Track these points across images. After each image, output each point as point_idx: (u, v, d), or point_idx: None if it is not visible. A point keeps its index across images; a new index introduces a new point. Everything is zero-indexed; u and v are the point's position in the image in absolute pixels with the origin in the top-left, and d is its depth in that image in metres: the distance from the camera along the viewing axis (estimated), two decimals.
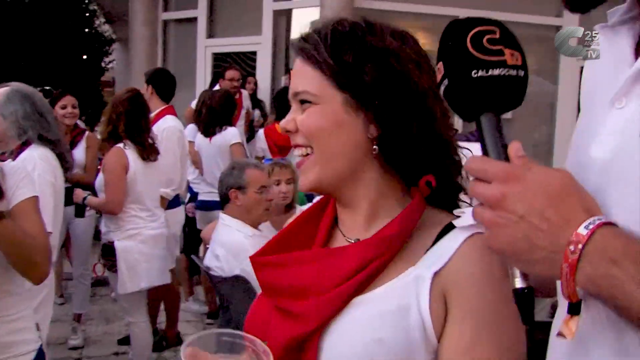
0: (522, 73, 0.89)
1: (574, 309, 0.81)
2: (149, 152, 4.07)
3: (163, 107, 5.00)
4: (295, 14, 8.18)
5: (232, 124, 5.50)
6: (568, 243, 0.76)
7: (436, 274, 1.04)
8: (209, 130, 5.34)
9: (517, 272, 0.83)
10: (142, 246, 4.02)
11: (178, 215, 5.01)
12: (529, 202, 0.78)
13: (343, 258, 1.10)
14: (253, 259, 1.19)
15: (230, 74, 6.50)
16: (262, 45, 7.83)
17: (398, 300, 1.05)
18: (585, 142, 0.92)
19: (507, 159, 0.84)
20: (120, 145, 3.97)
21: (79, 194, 4.17)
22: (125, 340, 4.75)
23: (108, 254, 4.03)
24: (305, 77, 1.14)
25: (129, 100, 4.04)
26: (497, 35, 0.89)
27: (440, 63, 0.91)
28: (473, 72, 0.86)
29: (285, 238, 1.22)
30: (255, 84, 7.33)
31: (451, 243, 1.05)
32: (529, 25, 7.96)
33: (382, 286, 1.07)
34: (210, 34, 8.34)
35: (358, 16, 1.18)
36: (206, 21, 8.30)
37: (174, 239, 4.82)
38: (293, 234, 1.22)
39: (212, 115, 5.32)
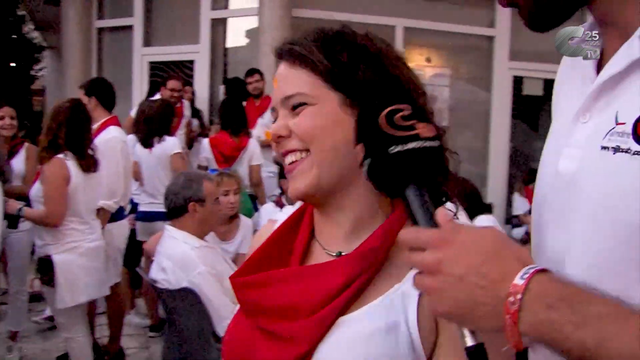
0: (436, 143, 0.94)
1: (520, 358, 0.85)
2: (89, 163, 3.98)
3: (107, 118, 4.90)
4: (233, 22, 8.15)
5: (171, 133, 5.45)
6: (507, 295, 0.79)
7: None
8: (147, 140, 5.27)
9: (466, 331, 0.85)
10: (82, 259, 3.92)
11: (123, 228, 4.90)
12: (465, 262, 0.82)
13: (328, 274, 1.08)
14: (232, 279, 1.15)
15: (172, 83, 6.42)
16: (199, 54, 7.75)
17: (386, 318, 1.04)
18: (554, 156, 0.95)
19: (436, 225, 0.88)
20: (61, 155, 3.86)
21: (13, 205, 4.02)
22: (64, 357, 4.61)
23: (45, 268, 3.89)
24: (296, 80, 1.13)
25: (70, 110, 3.94)
26: (409, 112, 0.94)
27: (360, 145, 0.96)
28: (390, 148, 0.91)
29: (263, 255, 1.17)
30: (193, 93, 7.25)
31: None
32: (462, 35, 8.17)
33: (368, 304, 1.06)
34: (147, 43, 8.20)
35: (296, 25, 1.20)
36: (142, 29, 8.15)
37: (119, 252, 4.74)
38: (270, 250, 1.18)
39: (150, 126, 5.26)
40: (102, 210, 4.44)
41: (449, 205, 1.09)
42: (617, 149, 0.82)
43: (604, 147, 0.84)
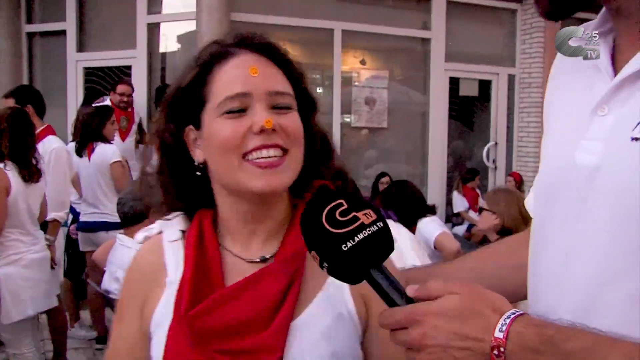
0: (381, 224, 0.97)
1: None
2: (32, 172, 3.86)
3: (43, 127, 4.77)
4: (170, 26, 8.03)
5: (104, 139, 5.25)
6: (491, 349, 0.83)
7: None
8: (82, 148, 5.14)
9: None
10: (26, 271, 3.81)
11: (60, 239, 4.78)
12: (445, 330, 0.85)
13: (266, 282, 1.10)
14: (187, 316, 1.09)
15: (121, 88, 6.33)
16: (136, 60, 7.60)
17: (332, 312, 1.11)
18: (567, 149, 0.97)
19: (408, 299, 0.92)
20: (1, 165, 3.73)
21: None
22: None
23: None
24: (281, 80, 1.14)
25: (12, 117, 3.82)
26: (346, 206, 0.97)
27: (314, 252, 0.97)
28: (342, 246, 0.93)
29: (193, 283, 1.12)
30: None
31: None
32: (397, 37, 8.29)
33: (310, 304, 1.11)
34: (81, 48, 7.98)
35: (234, 29, 1.20)
36: (76, 34, 7.92)
37: (58, 263, 4.62)
38: (195, 275, 1.13)
39: (83, 133, 5.14)
40: (55, 221, 4.33)
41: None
42: None
43: (635, 138, 0.86)
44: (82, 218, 5.26)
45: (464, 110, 8.90)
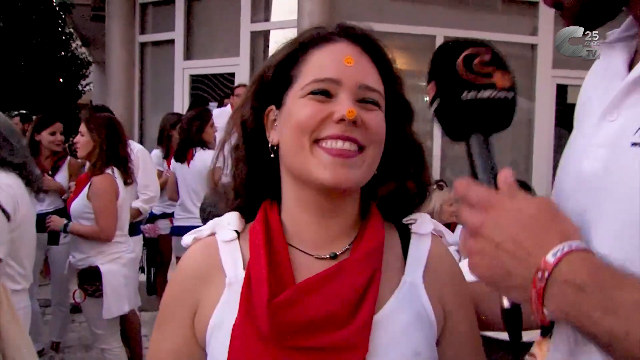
0: (511, 95, 0.92)
1: (545, 331, 0.86)
2: (130, 177, 4.10)
3: None
4: (273, 34, 8.20)
5: (204, 144, 5.32)
6: (536, 270, 0.77)
7: (423, 277, 1.11)
8: (182, 153, 5.29)
9: None
10: (124, 270, 4.02)
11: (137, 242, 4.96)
12: (505, 229, 0.80)
13: (345, 277, 1.05)
14: (271, 303, 1.02)
15: (240, 90, 6.40)
16: (239, 67, 7.82)
17: (411, 309, 1.08)
18: (577, 156, 0.94)
19: (495, 180, 0.87)
20: (109, 171, 3.96)
21: (57, 221, 4.08)
22: None
23: (90, 279, 3.95)
24: (373, 75, 1.12)
25: (109, 124, 4.04)
26: (489, 58, 0.92)
27: (433, 82, 0.93)
28: (464, 94, 0.89)
29: (269, 278, 1.06)
30: None
31: (420, 248, 1.14)
32: (505, 43, 8.05)
33: (389, 300, 1.07)
34: (188, 56, 8.33)
35: None
36: (183, 43, 8.29)
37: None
38: (269, 269, 1.07)
39: (183, 139, 5.29)
40: (137, 210, 4.55)
41: None
42: None
43: (634, 144, 0.82)
44: (176, 223, 5.40)
45: (572, 119, 8.52)
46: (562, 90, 8.23)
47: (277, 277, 1.06)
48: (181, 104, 8.04)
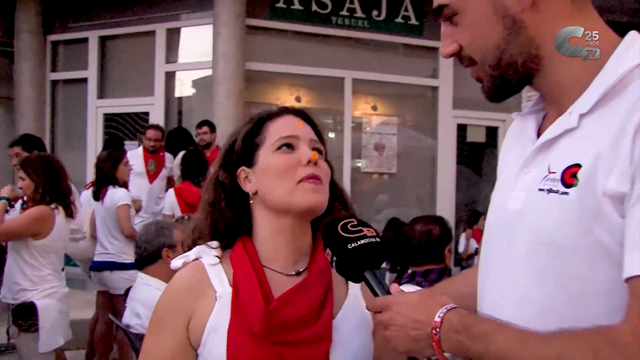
0: (378, 239, 1.32)
1: None
2: (71, 210, 4.21)
3: None
4: (187, 73, 8.38)
5: (117, 182, 5.39)
6: (431, 329, 1.14)
7: (361, 289, 1.48)
8: (98, 192, 5.39)
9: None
10: (59, 304, 4.11)
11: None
12: (404, 316, 1.19)
13: (310, 288, 1.40)
14: (268, 308, 1.34)
15: (150, 133, 6.58)
16: (154, 106, 7.93)
17: (357, 313, 1.45)
18: (503, 198, 1.24)
19: (388, 292, 1.27)
20: (53, 206, 4.07)
21: None
22: None
23: (25, 314, 3.99)
24: (314, 134, 1.52)
25: (46, 163, 4.16)
26: (355, 222, 1.34)
27: (328, 249, 1.32)
28: (349, 245, 1.28)
29: (262, 290, 1.38)
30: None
31: None
32: (406, 85, 8.56)
33: (343, 307, 1.45)
34: (101, 95, 8.36)
35: (248, 77, 1.48)
36: (97, 81, 8.32)
37: None
38: (249, 290, 1.38)
39: (97, 177, 5.41)
40: None
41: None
42: (550, 190, 1.10)
43: (540, 189, 1.12)
44: (95, 258, 5.44)
45: (472, 156, 9.09)
46: (462, 129, 8.77)
47: (262, 290, 1.39)
48: (94, 143, 8.04)
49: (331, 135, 8.48)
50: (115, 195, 5.32)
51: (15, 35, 8.39)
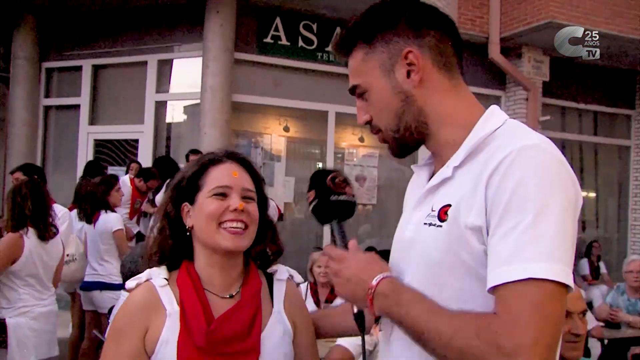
0: (354, 199, 1.60)
1: (376, 321, 1.53)
2: (49, 232, 4.33)
3: None
4: (177, 104, 8.66)
5: (109, 207, 5.73)
6: (367, 289, 1.38)
7: (284, 306, 1.76)
8: (90, 216, 5.64)
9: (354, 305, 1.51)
10: (33, 322, 4.20)
11: None
12: (351, 270, 1.44)
13: (243, 309, 1.66)
14: (209, 330, 1.59)
15: (136, 166, 7.12)
16: (144, 134, 8.18)
17: (281, 327, 1.72)
18: (402, 230, 1.54)
19: (346, 246, 1.52)
20: (22, 232, 4.19)
21: None
22: None
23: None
24: (248, 181, 1.76)
25: (31, 184, 4.35)
26: (343, 178, 1.60)
27: (312, 191, 1.58)
28: (332, 197, 1.56)
29: (203, 310, 1.63)
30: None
31: (280, 288, 1.79)
32: None
33: (267, 323, 1.69)
34: (93, 121, 8.60)
35: (235, 107, 1.76)
36: (89, 108, 8.57)
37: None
38: (193, 310, 1.64)
39: (91, 202, 5.65)
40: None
41: None
42: (430, 224, 1.40)
43: (425, 223, 1.42)
44: (85, 279, 5.67)
45: None
46: None
47: (203, 309, 1.65)
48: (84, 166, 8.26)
49: (319, 164, 8.79)
50: (108, 220, 5.59)
51: (12, 61, 8.68)
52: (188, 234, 1.72)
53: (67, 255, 5.34)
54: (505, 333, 1.17)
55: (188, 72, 8.34)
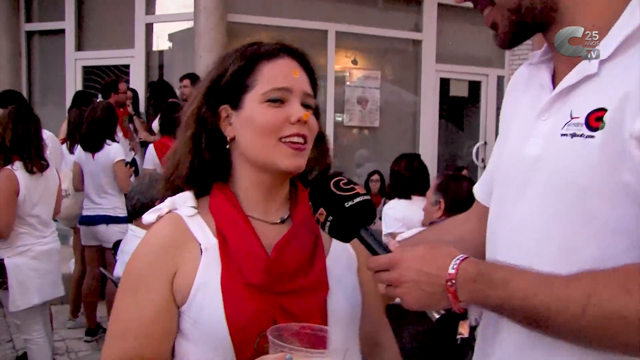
0: (368, 197, 1.28)
1: (463, 316, 1.29)
2: (36, 164, 3.99)
3: None
4: (168, 26, 8.22)
5: (114, 138, 5.48)
6: (446, 281, 1.14)
7: None
8: (94, 144, 5.30)
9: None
10: (34, 262, 3.99)
11: None
12: (413, 270, 1.17)
13: (300, 235, 1.35)
14: (270, 259, 1.28)
15: (123, 86, 6.56)
16: (134, 59, 7.79)
17: (345, 255, 1.44)
18: (518, 145, 1.26)
19: (387, 250, 1.24)
20: (9, 167, 3.88)
21: None
22: (24, 357, 4.59)
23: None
24: (308, 84, 1.38)
25: (15, 111, 3.98)
26: (346, 180, 1.29)
27: (322, 209, 1.26)
28: (345, 203, 1.24)
29: (253, 238, 1.32)
30: (135, 95, 7.29)
31: None
32: (389, 38, 8.49)
33: (330, 250, 1.40)
34: (79, 47, 8.16)
35: (230, 29, 1.41)
36: (74, 33, 8.11)
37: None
38: (240, 239, 1.31)
39: (95, 130, 5.30)
40: None
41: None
42: (573, 135, 1.12)
43: (563, 135, 1.14)
44: (84, 213, 5.40)
45: (454, 111, 9.11)
46: (445, 84, 8.77)
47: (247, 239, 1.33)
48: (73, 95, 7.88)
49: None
50: (110, 151, 5.29)
51: None
52: (228, 147, 1.36)
53: (64, 190, 5.08)
54: None
55: None
